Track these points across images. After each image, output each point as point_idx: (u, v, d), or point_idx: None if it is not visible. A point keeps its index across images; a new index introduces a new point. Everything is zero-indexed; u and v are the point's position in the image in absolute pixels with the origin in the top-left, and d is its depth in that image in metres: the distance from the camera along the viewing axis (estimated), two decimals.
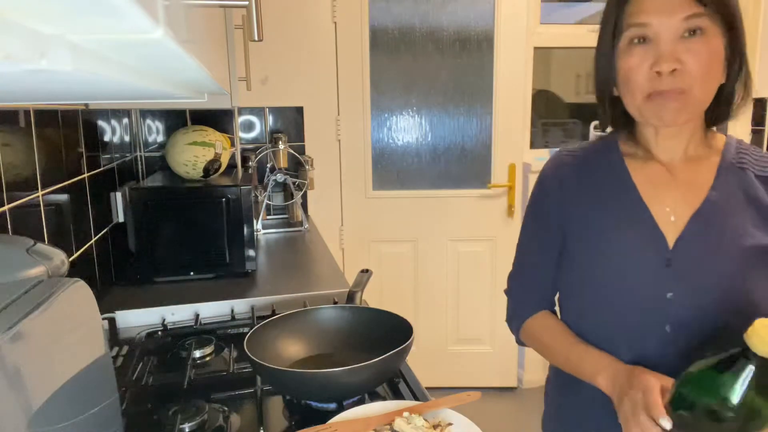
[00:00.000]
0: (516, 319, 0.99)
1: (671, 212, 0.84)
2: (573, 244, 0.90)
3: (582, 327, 0.90)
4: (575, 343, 0.89)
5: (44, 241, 1.09)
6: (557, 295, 0.98)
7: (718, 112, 0.84)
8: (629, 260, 0.84)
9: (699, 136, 0.86)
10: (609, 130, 0.94)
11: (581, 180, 0.90)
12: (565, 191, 0.91)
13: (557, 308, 0.99)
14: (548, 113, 2.88)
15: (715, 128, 0.89)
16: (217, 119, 2.34)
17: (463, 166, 2.68)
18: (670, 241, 0.82)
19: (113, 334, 1.32)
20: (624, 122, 0.89)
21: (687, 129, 0.84)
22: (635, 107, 0.82)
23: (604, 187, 0.88)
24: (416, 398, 0.98)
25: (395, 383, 1.03)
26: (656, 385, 0.72)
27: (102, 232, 1.52)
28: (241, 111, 2.42)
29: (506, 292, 1.03)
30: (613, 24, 0.81)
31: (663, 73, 0.76)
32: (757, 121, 2.53)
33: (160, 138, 2.31)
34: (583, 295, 0.89)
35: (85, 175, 1.42)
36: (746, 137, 2.55)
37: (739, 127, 2.53)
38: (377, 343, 1.01)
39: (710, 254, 0.81)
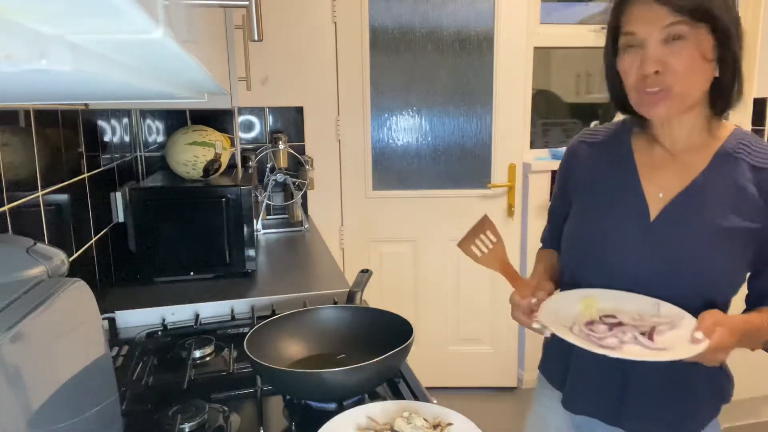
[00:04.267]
0: (540, 247, 1.24)
1: (661, 190, 0.96)
2: (576, 205, 1.06)
3: (576, 276, 1.04)
4: (538, 266, 1.16)
5: (44, 241, 1.09)
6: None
7: (718, 103, 0.94)
8: (615, 227, 0.98)
9: (701, 125, 0.95)
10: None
11: (594, 154, 1.06)
12: (579, 161, 1.08)
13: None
14: (548, 113, 2.88)
15: (726, 119, 0.98)
16: (217, 119, 2.34)
17: (463, 166, 2.68)
18: (653, 214, 0.96)
19: (113, 334, 1.32)
20: (634, 111, 1.00)
21: (688, 118, 0.94)
22: (633, 103, 0.95)
23: (611, 163, 1.03)
24: (416, 398, 0.98)
25: (395, 383, 1.03)
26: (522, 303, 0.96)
27: (102, 232, 1.52)
28: (241, 111, 2.42)
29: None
30: (612, 31, 0.95)
31: (648, 74, 0.88)
32: (757, 120, 2.52)
33: (160, 138, 2.31)
34: (576, 249, 1.04)
35: (85, 175, 1.42)
36: None
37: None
38: (377, 343, 1.01)
39: (685, 229, 0.93)
